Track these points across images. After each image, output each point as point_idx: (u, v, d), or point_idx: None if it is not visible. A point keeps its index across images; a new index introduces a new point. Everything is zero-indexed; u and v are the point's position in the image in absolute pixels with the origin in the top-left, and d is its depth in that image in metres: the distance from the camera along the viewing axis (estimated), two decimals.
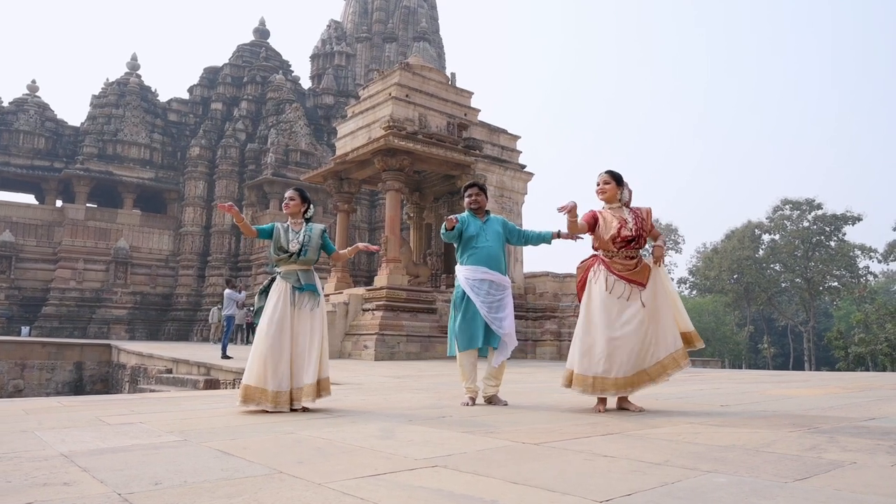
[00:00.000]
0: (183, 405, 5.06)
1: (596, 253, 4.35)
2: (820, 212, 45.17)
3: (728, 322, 50.13)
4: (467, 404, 4.67)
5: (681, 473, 2.26)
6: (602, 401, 4.19)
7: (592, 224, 4.31)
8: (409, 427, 3.59)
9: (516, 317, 16.56)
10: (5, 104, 31.26)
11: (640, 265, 4.21)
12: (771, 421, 3.67)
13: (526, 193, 19.01)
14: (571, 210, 4.13)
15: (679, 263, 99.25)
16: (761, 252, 47.91)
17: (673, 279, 59.45)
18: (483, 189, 5.02)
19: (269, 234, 4.58)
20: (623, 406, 4.21)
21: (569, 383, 4.25)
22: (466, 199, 4.96)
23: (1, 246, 28.74)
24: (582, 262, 4.45)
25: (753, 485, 2.08)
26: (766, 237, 48.50)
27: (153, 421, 3.95)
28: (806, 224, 45.78)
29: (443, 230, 4.75)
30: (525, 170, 19.00)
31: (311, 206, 4.78)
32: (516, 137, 19.35)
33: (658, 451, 2.72)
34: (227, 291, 14.86)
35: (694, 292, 56.99)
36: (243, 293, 15.72)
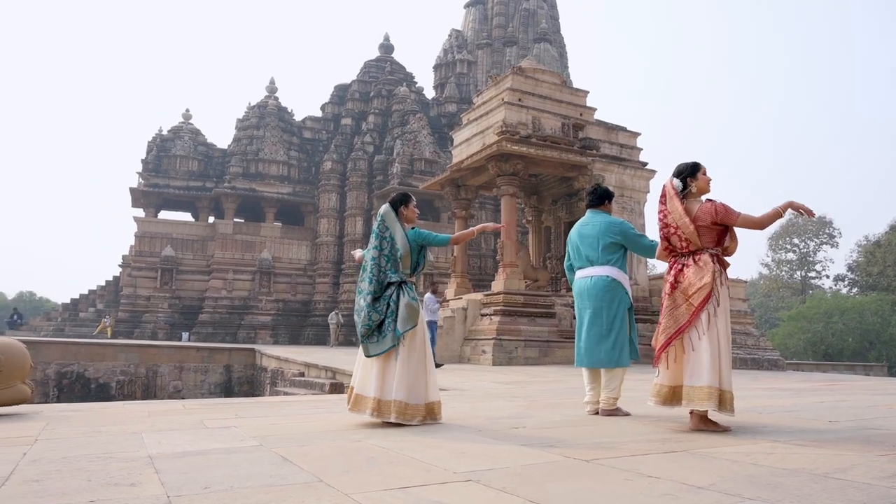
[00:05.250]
0: (284, 410, 5.39)
1: (714, 252, 3.92)
2: None
3: (895, 323, 45.09)
4: (627, 413, 4.68)
5: (715, 499, 2.12)
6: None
7: None
8: (472, 438, 3.61)
9: (642, 320, 15.97)
10: (165, 132, 34.77)
11: None
12: (870, 441, 3.32)
13: (648, 192, 18.29)
14: (778, 212, 3.79)
15: (836, 259, 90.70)
16: None
17: (829, 276, 54.77)
18: None
19: None
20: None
21: (719, 403, 3.70)
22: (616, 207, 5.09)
23: (164, 260, 31.97)
24: (711, 263, 3.89)
25: None
26: None
27: (246, 425, 4.26)
28: None
29: None
30: (646, 167, 18.30)
31: None
32: (636, 134, 18.68)
33: (711, 472, 2.56)
34: (427, 296, 13.75)
35: (854, 290, 51.94)
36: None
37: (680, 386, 3.85)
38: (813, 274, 54.51)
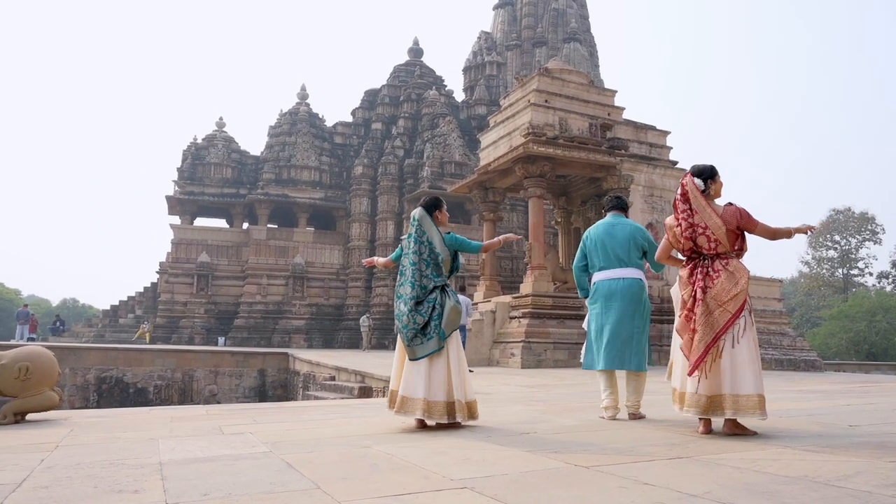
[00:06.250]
0: (303, 415, 5.46)
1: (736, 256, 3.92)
2: None
3: None
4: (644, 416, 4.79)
5: None
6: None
7: None
8: (479, 444, 3.61)
9: (672, 321, 15.79)
10: (199, 141, 35.49)
11: None
12: (884, 447, 3.23)
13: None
14: (790, 233, 3.90)
15: (879, 256, 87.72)
16: None
17: (872, 273, 53.14)
18: None
19: None
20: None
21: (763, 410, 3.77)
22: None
23: (200, 266, 32.61)
24: (742, 268, 3.87)
25: None
26: None
27: (260, 432, 4.33)
28: None
29: None
30: (676, 166, 18.04)
31: None
32: (665, 133, 18.44)
33: (711, 480, 2.52)
34: (463, 298, 13.05)
35: None
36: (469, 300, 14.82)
37: (719, 395, 3.74)
38: (855, 271, 52.96)
